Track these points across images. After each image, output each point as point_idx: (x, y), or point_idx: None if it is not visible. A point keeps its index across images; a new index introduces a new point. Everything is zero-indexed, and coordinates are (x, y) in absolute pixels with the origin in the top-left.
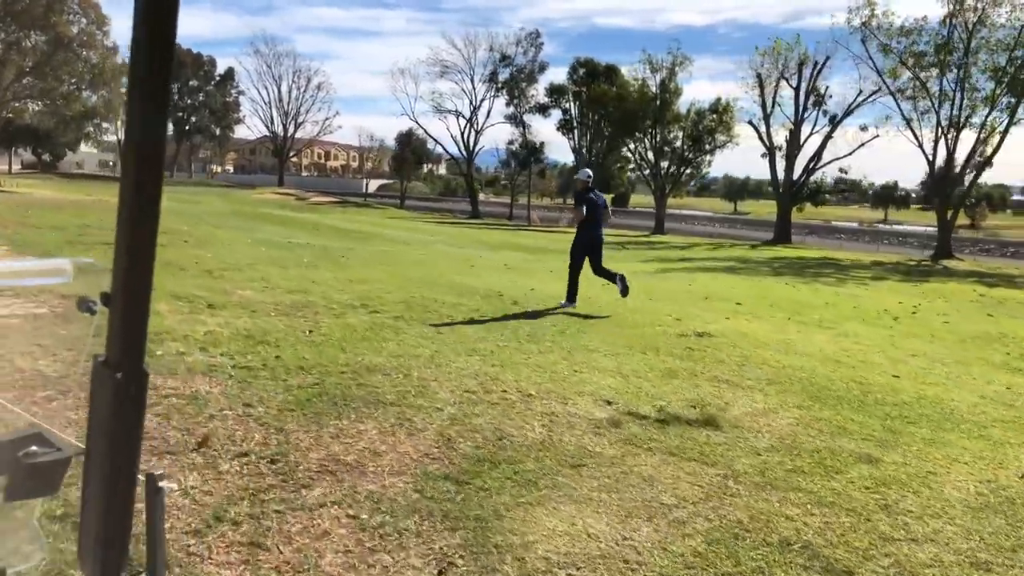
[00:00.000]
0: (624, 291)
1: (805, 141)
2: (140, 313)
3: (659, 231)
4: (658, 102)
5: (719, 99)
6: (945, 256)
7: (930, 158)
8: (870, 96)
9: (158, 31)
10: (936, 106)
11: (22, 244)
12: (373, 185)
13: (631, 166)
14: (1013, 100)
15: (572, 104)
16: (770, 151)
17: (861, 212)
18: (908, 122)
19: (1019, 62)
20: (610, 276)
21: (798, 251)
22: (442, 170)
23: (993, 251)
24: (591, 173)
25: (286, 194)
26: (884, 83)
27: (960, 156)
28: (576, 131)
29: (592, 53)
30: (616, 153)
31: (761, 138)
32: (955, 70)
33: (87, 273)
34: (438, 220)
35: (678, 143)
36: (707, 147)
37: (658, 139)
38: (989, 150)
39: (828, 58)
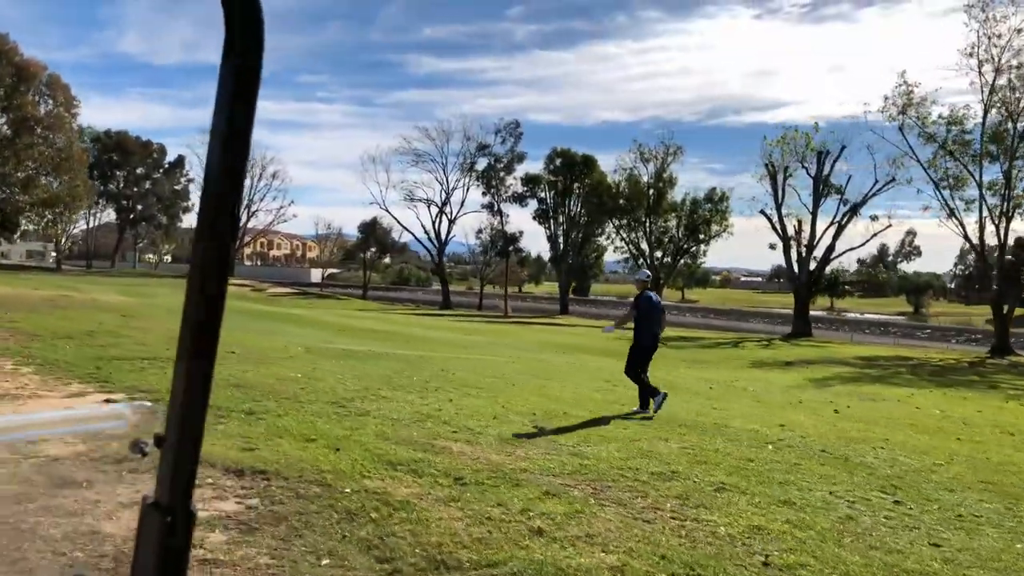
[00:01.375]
0: (655, 409)
1: (825, 231)
2: (192, 451)
3: None
4: (652, 191)
5: (714, 188)
6: (1007, 352)
7: (978, 248)
8: (885, 185)
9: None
10: (983, 197)
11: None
12: (318, 274)
13: (624, 256)
14: None
15: (548, 193)
16: (784, 240)
17: (864, 303)
18: (952, 211)
19: None
20: (648, 388)
21: (852, 348)
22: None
23: None
24: (649, 274)
25: (241, 284)
26: (925, 172)
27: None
28: (552, 220)
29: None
30: (592, 242)
31: (775, 228)
32: (1003, 158)
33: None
34: (420, 312)
35: (672, 232)
36: (701, 237)
37: (653, 229)
38: None
39: (844, 147)
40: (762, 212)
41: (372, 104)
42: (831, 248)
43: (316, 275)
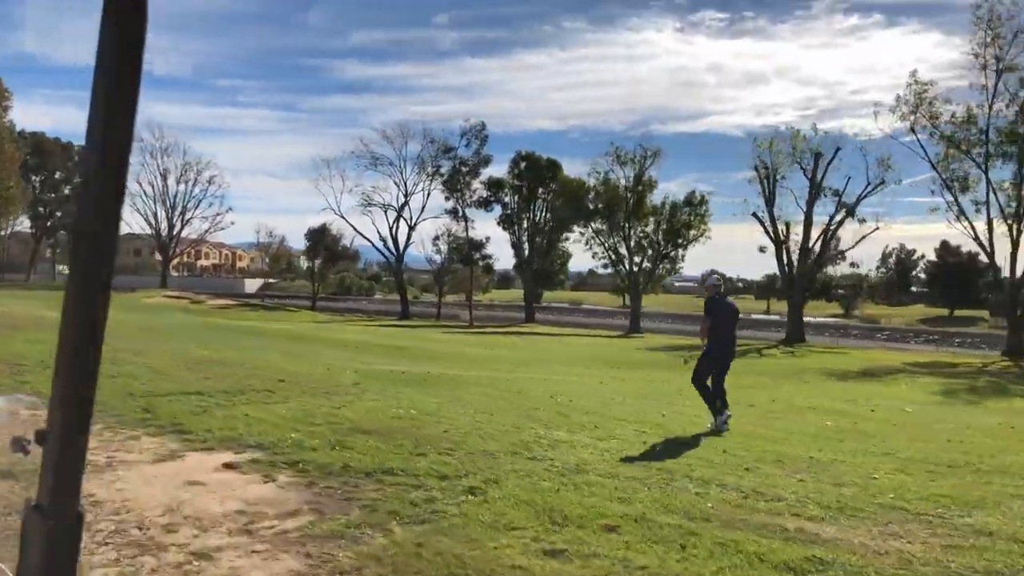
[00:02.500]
0: (720, 429)
1: (823, 235)
2: (77, 449)
3: (635, 330)
4: (630, 195)
5: (693, 192)
6: (1016, 354)
7: (988, 250)
8: (876, 187)
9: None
10: (997, 198)
11: None
12: (252, 285)
13: (603, 262)
14: None
15: (512, 198)
16: (777, 244)
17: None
18: (961, 213)
19: None
20: (716, 402)
21: (861, 353)
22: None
23: None
24: (719, 278)
25: (178, 296)
26: (937, 173)
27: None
28: (516, 226)
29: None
30: (557, 248)
31: (767, 231)
32: (1017, 161)
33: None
34: (389, 324)
35: (651, 237)
36: (680, 241)
37: (633, 233)
38: None
39: (839, 149)
40: (754, 215)
41: (296, 109)
42: (823, 251)
43: (250, 286)
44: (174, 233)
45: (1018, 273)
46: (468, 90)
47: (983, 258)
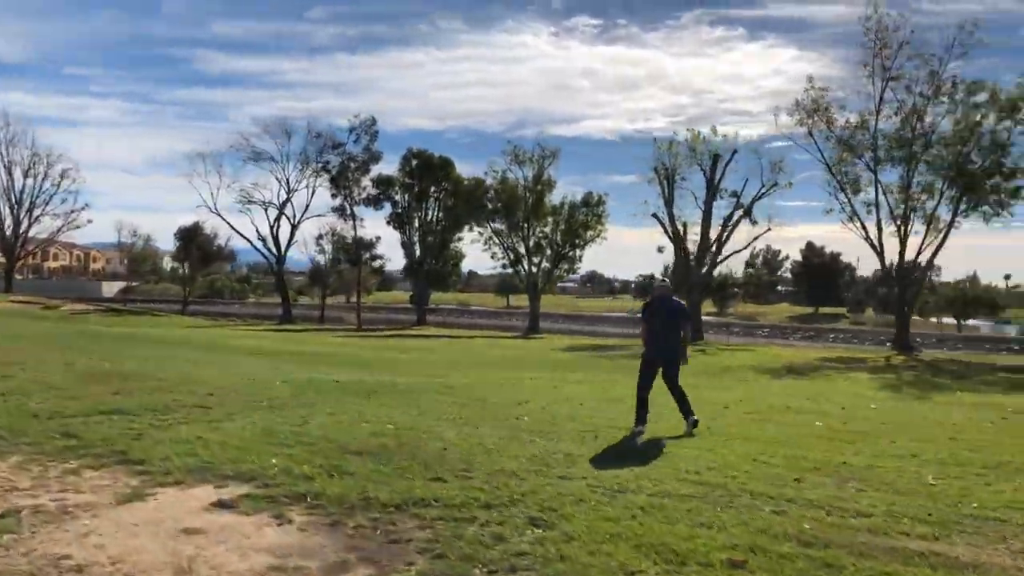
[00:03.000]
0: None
1: (723, 235)
2: None
3: (533, 331)
4: (529, 195)
5: (591, 193)
6: (906, 349)
7: (879, 250)
8: (769, 189)
9: None
10: (888, 199)
11: None
12: (110, 288)
13: (501, 262)
14: (957, 194)
15: (403, 197)
16: (676, 244)
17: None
18: (854, 214)
19: (963, 157)
20: (685, 406)
21: (764, 350)
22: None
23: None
24: (664, 280)
25: (27, 301)
26: (833, 175)
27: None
28: (407, 226)
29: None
30: (450, 249)
31: (666, 231)
32: (905, 164)
33: None
34: (281, 328)
35: (550, 237)
36: (578, 242)
37: (532, 233)
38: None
39: (735, 151)
40: (654, 216)
41: (154, 101)
42: (719, 251)
43: (108, 289)
44: (21, 232)
45: (866, 272)
46: (344, 87)
47: (844, 258)
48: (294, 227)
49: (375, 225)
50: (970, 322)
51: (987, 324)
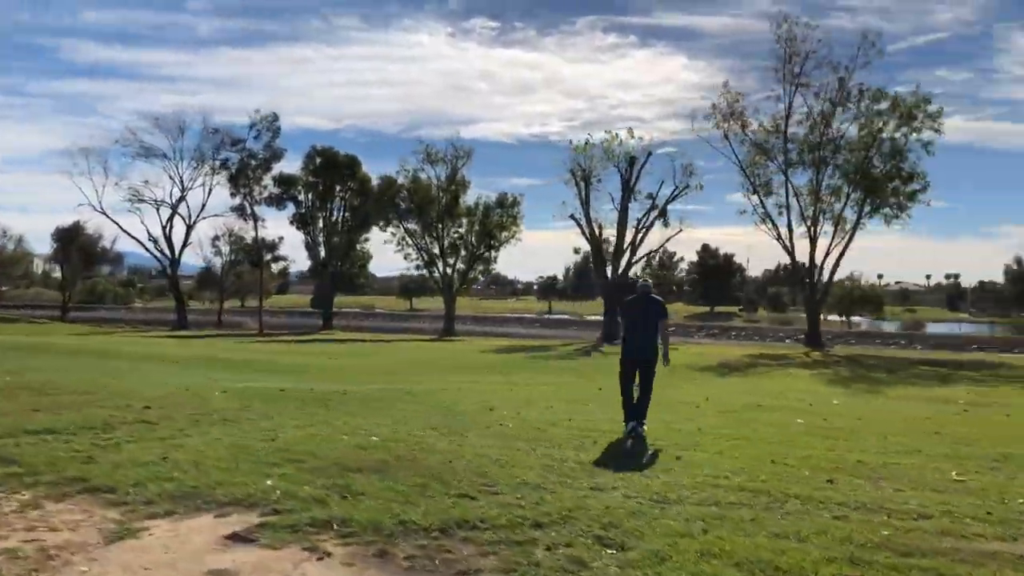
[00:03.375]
0: (627, 439)
1: (639, 236)
2: None
3: (449, 333)
4: (444, 195)
5: (506, 193)
6: (818, 345)
7: (789, 250)
8: (681, 191)
9: None
10: (799, 202)
11: None
12: None
13: (415, 263)
14: (862, 196)
15: (306, 196)
16: (593, 244)
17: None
18: (766, 217)
19: (867, 162)
20: (642, 409)
21: (685, 348)
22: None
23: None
24: (647, 280)
25: None
26: (747, 178)
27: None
28: (312, 226)
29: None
30: (357, 250)
31: (583, 232)
32: (813, 168)
33: None
34: (161, 335)
35: (465, 238)
36: (493, 243)
37: (447, 233)
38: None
39: (650, 153)
40: (572, 217)
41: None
42: (633, 251)
43: None
44: None
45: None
46: (229, 82)
47: (737, 259)
48: (189, 227)
49: (278, 225)
50: (852, 319)
51: (865, 320)
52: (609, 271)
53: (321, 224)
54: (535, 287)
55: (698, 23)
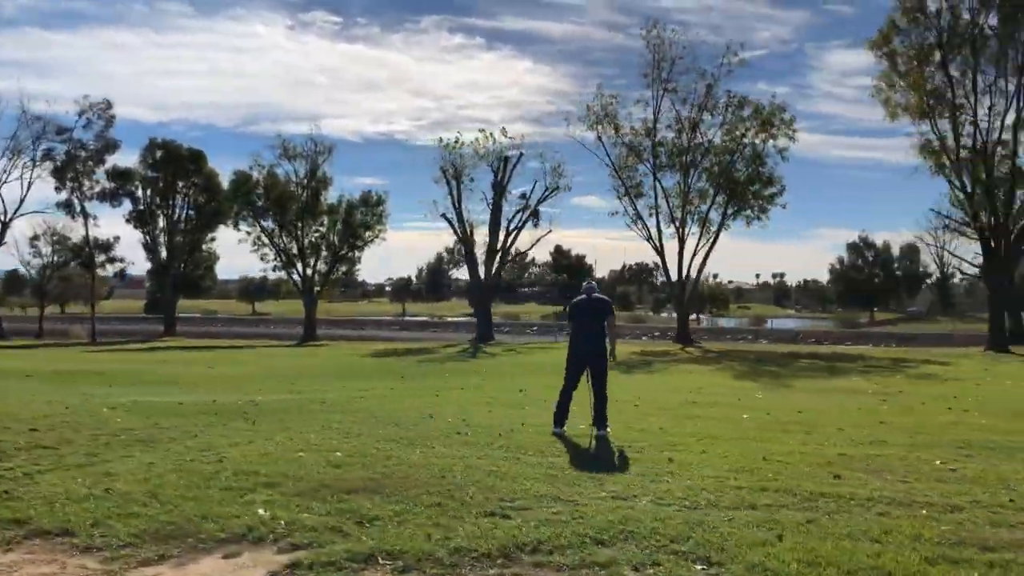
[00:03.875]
0: (596, 443)
1: (506, 237)
2: None
3: (310, 339)
4: (304, 192)
5: (370, 192)
6: (688, 341)
7: (659, 250)
8: (552, 192)
9: None
10: (669, 203)
11: None
12: None
13: (273, 264)
14: (726, 199)
15: (145, 192)
16: (466, 244)
17: (423, 307)
18: (637, 218)
19: (730, 166)
20: (601, 414)
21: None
22: None
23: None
24: (591, 281)
25: None
26: (620, 179)
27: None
28: (151, 224)
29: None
30: (202, 251)
31: (456, 232)
32: (681, 171)
33: None
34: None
35: (327, 238)
36: (357, 243)
37: (307, 233)
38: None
39: (522, 154)
40: (443, 216)
41: None
42: (505, 252)
43: None
44: None
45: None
46: (38, 66)
47: (588, 260)
48: (4, 226)
49: (112, 224)
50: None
51: (706, 318)
52: (482, 272)
53: (162, 223)
54: (387, 289)
55: (542, 28)
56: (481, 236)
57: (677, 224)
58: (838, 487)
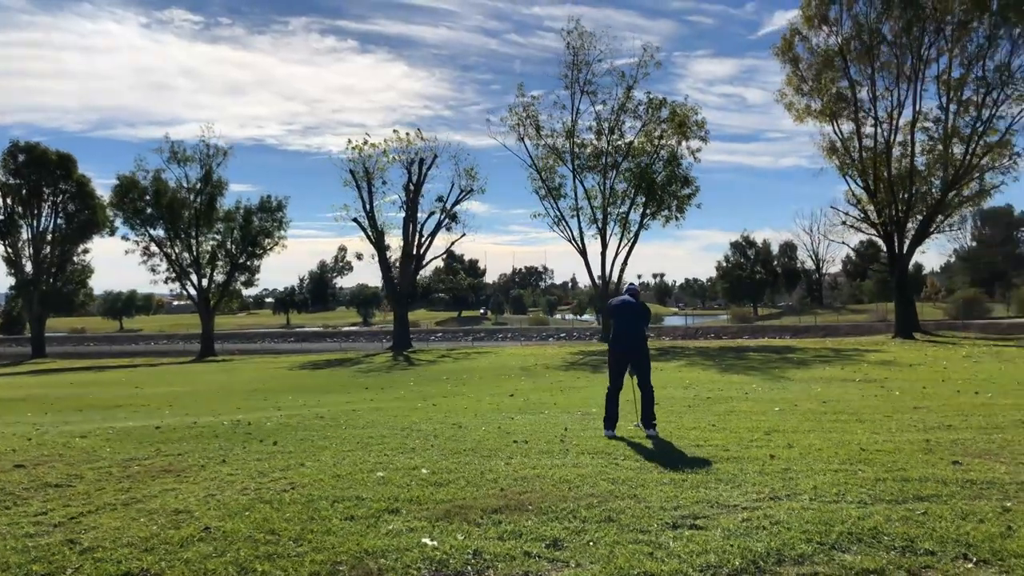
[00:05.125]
0: (650, 435)
1: (422, 242)
2: None
3: (208, 354)
4: (198, 199)
5: (269, 197)
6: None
7: (581, 250)
8: (466, 195)
9: None
10: (591, 204)
11: None
12: None
13: (166, 275)
14: (644, 200)
15: (5, 201)
16: (379, 250)
17: (312, 317)
18: (560, 219)
19: (649, 167)
20: (649, 411)
21: (489, 351)
22: None
23: None
24: (633, 283)
25: None
26: (542, 181)
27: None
28: (14, 237)
29: None
30: (74, 264)
31: (368, 237)
32: (601, 173)
33: None
34: None
35: (225, 246)
36: (257, 251)
37: (202, 241)
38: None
39: (436, 156)
40: (355, 220)
41: None
42: (420, 257)
43: None
44: None
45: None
46: None
47: (480, 264)
48: None
49: None
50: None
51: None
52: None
53: (26, 234)
54: (267, 300)
55: (417, 32)
56: (391, 241)
57: (599, 225)
58: (967, 473)
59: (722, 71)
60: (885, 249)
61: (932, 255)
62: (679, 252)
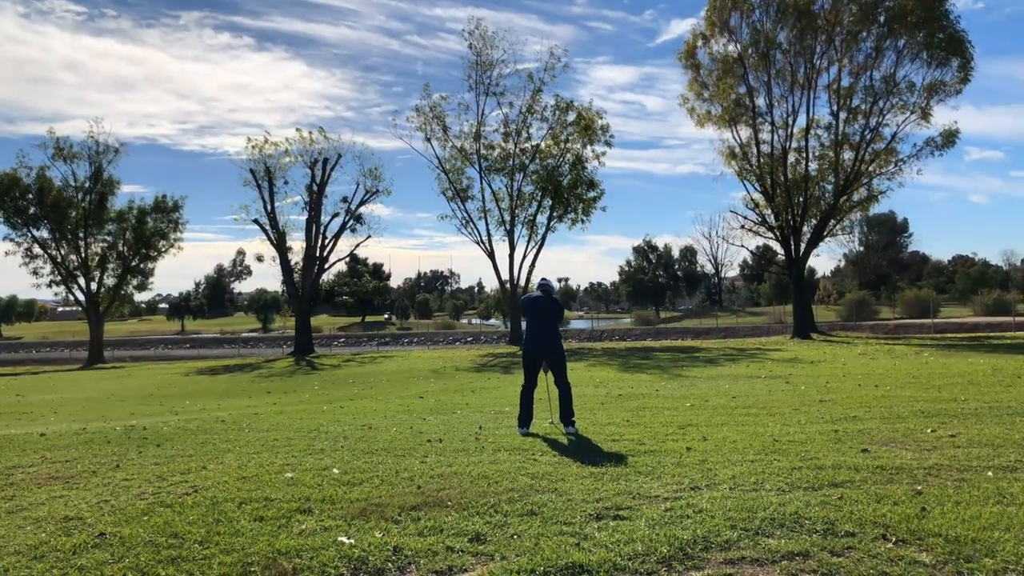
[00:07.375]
0: (569, 432)
1: (326, 243)
2: None
3: (97, 361)
4: (87, 197)
5: (164, 197)
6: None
7: (489, 251)
8: (371, 195)
9: None
10: (499, 207)
11: None
12: None
13: (50, 278)
14: (551, 201)
15: None
16: (281, 252)
17: (210, 323)
18: (468, 221)
19: (556, 170)
20: (567, 408)
21: (412, 355)
22: None
23: None
24: (546, 280)
25: None
26: (450, 183)
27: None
28: None
29: None
30: None
31: (269, 238)
32: (508, 175)
33: None
34: None
35: (119, 248)
36: (151, 253)
37: (92, 243)
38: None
39: (340, 156)
40: (255, 221)
41: None
42: (324, 259)
43: None
44: None
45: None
46: None
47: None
48: None
49: None
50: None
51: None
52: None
53: None
54: (160, 306)
55: (316, 31)
56: (297, 243)
57: (507, 227)
58: (876, 460)
59: (622, 78)
60: (782, 252)
61: (824, 259)
62: (582, 257)
